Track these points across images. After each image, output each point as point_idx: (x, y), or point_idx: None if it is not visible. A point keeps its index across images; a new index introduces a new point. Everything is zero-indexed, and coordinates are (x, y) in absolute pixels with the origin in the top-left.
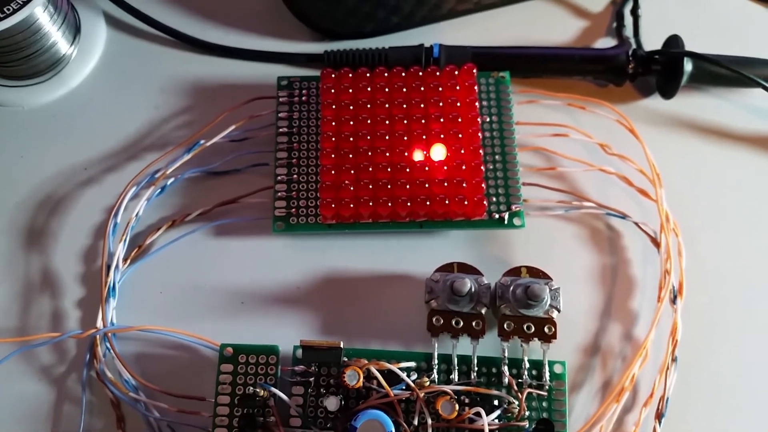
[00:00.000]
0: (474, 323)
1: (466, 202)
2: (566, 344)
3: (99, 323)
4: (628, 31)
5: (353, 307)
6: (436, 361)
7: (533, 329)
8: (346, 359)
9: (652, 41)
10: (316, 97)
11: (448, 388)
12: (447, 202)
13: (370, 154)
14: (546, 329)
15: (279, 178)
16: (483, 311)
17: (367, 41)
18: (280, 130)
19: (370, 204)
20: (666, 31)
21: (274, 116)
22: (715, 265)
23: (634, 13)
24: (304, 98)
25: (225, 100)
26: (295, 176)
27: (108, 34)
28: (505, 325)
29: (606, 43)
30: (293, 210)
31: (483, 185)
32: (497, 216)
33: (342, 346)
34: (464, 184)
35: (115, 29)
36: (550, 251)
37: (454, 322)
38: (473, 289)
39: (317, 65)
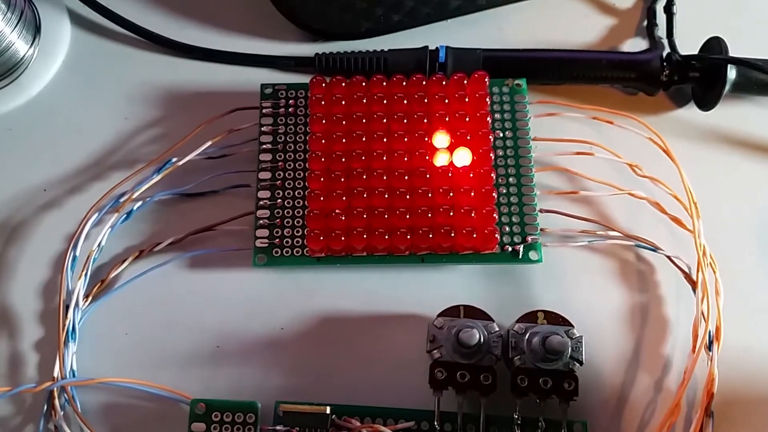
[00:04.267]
0: (483, 377)
1: (475, 235)
2: (588, 400)
3: (56, 372)
4: (661, 32)
5: (345, 353)
6: (439, 421)
7: (551, 384)
8: (335, 417)
9: (689, 43)
10: (304, 109)
11: None
12: (453, 234)
13: (365, 177)
14: (566, 385)
15: (261, 202)
16: (494, 363)
17: (364, 42)
18: (263, 146)
19: (365, 236)
20: (704, 32)
21: (257, 130)
22: (758, 305)
23: (669, 10)
24: (290, 109)
25: (201, 111)
26: (279, 200)
27: (72, 34)
28: (518, 380)
29: (635, 44)
30: (277, 240)
31: (495, 214)
32: (510, 249)
33: (329, 412)
34: (473, 214)
35: (80, 29)
36: (572, 289)
37: (459, 376)
38: (482, 340)
39: (307, 70)
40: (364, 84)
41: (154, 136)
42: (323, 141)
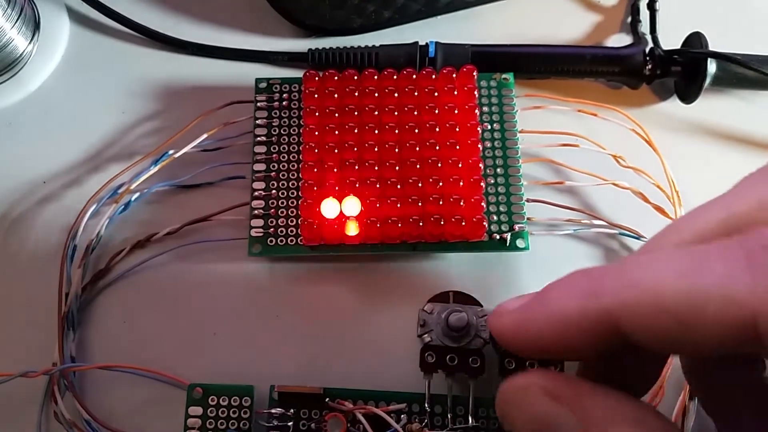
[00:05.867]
0: (471, 360)
1: (463, 223)
2: None
3: (56, 358)
4: (644, 27)
5: (338, 339)
6: (429, 403)
7: (536, 367)
8: (328, 400)
9: (671, 38)
10: (298, 102)
11: None
12: (443, 222)
13: (357, 168)
14: (552, 368)
15: (256, 193)
16: (482, 347)
17: (356, 38)
18: (258, 138)
19: (357, 225)
20: (686, 27)
21: (252, 123)
22: None
23: (651, 7)
24: (284, 103)
25: (197, 105)
26: (273, 191)
27: (71, 30)
28: (506, 363)
29: (620, 39)
30: (271, 230)
31: (483, 203)
32: (498, 237)
33: (323, 392)
34: (462, 203)
35: (78, 25)
36: (557, 276)
37: (449, 359)
38: (471, 323)
39: (300, 65)
40: (356, 78)
41: (151, 129)
42: (316, 133)
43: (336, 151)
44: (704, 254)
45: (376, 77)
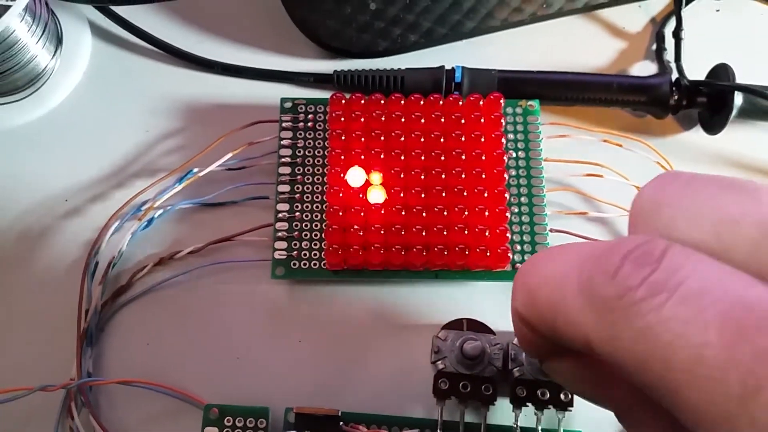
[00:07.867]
0: (484, 388)
1: (488, 253)
2: (585, 411)
3: (73, 374)
4: (669, 55)
5: (356, 363)
6: (441, 430)
7: (548, 395)
8: (342, 424)
9: (697, 67)
10: (323, 123)
11: None
12: (467, 252)
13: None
14: (562, 395)
15: (280, 215)
16: (495, 375)
17: (381, 60)
18: (282, 159)
19: (382, 252)
20: (712, 56)
21: (276, 143)
22: None
23: (676, 34)
24: (310, 124)
25: (222, 124)
26: (297, 213)
27: (94, 46)
28: (517, 391)
29: (644, 66)
30: (295, 253)
31: (507, 234)
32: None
33: (340, 413)
34: (487, 233)
35: (101, 41)
36: None
37: (462, 386)
38: (485, 351)
39: (325, 86)
40: (382, 102)
41: (175, 147)
42: (342, 157)
43: None
44: (575, 262)
45: (402, 102)
